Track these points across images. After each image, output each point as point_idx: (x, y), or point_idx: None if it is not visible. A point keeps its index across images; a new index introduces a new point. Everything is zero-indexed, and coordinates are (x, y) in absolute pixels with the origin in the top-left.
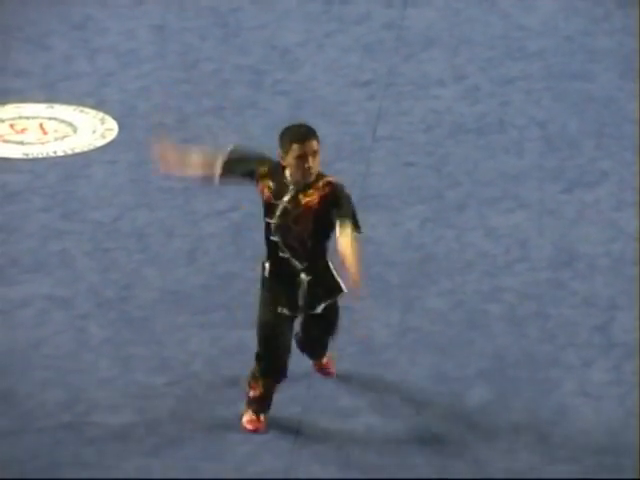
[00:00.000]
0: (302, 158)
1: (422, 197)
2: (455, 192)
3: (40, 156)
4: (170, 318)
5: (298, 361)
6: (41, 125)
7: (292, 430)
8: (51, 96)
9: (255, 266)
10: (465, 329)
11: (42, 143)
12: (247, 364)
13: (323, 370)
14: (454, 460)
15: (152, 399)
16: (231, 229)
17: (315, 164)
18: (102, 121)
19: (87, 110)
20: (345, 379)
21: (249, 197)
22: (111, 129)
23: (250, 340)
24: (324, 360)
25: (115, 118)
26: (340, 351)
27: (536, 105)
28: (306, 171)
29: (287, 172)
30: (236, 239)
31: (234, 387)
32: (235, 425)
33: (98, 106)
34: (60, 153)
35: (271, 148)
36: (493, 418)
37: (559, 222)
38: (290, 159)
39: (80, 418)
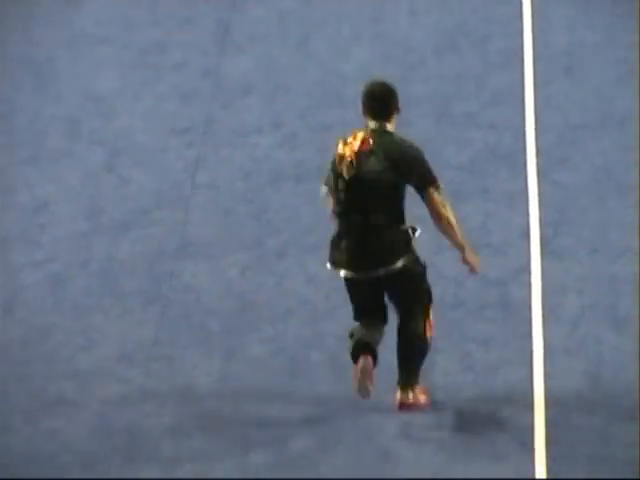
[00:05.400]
0: None
1: (242, 245)
2: (275, 239)
3: None
4: None
5: (121, 411)
6: None
7: None
8: None
9: (76, 316)
10: (287, 376)
11: None
12: (67, 417)
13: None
14: None
15: None
16: (49, 280)
17: None
18: None
19: None
20: (170, 430)
21: (66, 247)
22: None
23: (70, 392)
24: (409, 395)
25: None
26: (162, 401)
27: None
28: None
29: None
30: (55, 290)
31: (53, 439)
32: None
33: None
34: None
35: (89, 197)
36: (316, 465)
37: None
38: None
39: None
